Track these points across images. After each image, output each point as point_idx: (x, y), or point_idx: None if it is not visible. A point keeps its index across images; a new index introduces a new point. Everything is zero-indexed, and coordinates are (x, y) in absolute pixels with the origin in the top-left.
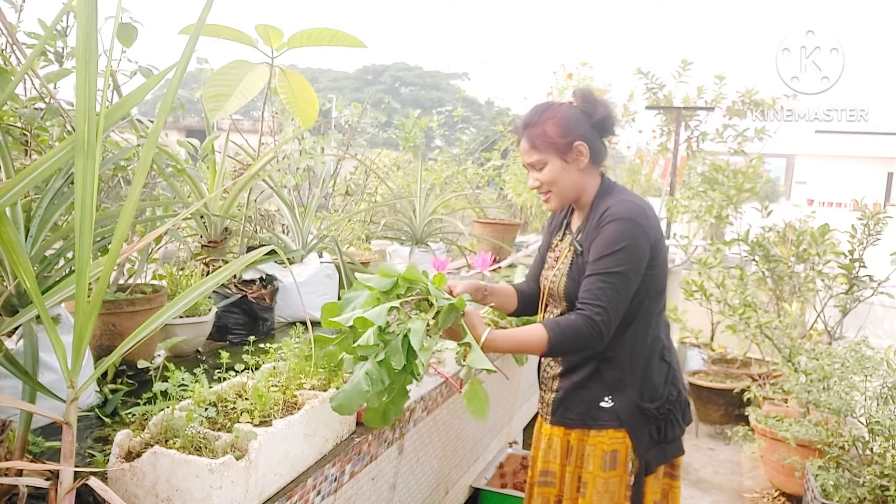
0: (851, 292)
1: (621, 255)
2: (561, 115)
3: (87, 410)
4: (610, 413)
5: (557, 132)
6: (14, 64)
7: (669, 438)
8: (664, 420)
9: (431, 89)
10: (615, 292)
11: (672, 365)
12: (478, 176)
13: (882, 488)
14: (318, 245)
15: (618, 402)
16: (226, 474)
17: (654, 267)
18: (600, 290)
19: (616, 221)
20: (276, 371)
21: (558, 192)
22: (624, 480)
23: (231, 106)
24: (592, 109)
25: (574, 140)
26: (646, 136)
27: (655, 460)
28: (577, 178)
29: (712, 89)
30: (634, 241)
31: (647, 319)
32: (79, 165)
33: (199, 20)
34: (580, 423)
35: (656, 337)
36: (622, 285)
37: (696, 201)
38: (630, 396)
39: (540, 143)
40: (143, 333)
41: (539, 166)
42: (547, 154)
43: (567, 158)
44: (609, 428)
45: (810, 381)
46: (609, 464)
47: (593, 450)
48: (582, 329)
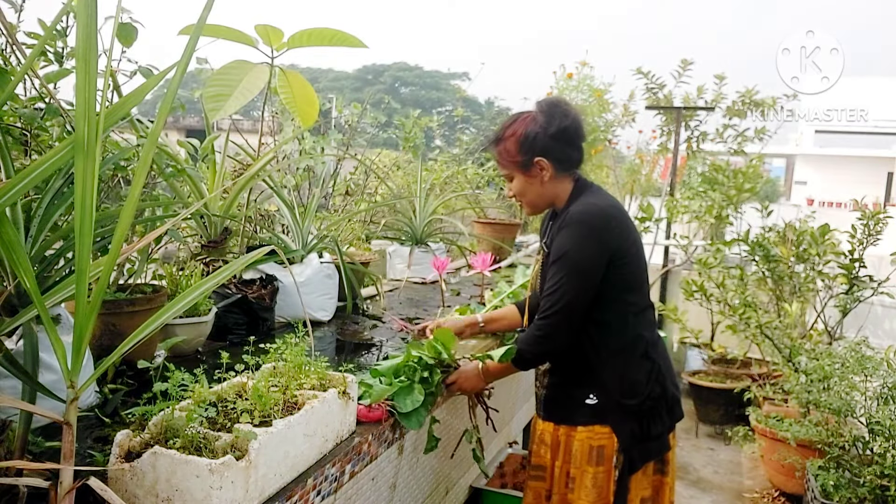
0: (851, 292)
1: (568, 260)
2: (521, 132)
3: (87, 410)
4: (594, 409)
5: (516, 150)
6: (14, 64)
7: (653, 435)
8: (646, 417)
9: (431, 89)
10: (562, 295)
11: (657, 362)
12: (478, 176)
13: (882, 488)
14: (318, 245)
15: (601, 400)
16: (226, 474)
17: (623, 266)
18: (549, 296)
19: (569, 226)
20: (276, 371)
21: (528, 202)
22: (611, 475)
23: (231, 106)
24: (549, 122)
25: (533, 157)
26: (646, 136)
27: (639, 457)
28: (544, 190)
29: (712, 89)
30: (584, 243)
31: (624, 318)
32: (79, 165)
33: (199, 20)
34: (568, 420)
35: (637, 335)
36: (570, 287)
37: (696, 201)
38: (611, 393)
39: (503, 161)
40: (143, 333)
41: (508, 179)
42: (511, 170)
43: (529, 174)
44: (595, 424)
45: (810, 381)
46: (596, 459)
47: (581, 445)
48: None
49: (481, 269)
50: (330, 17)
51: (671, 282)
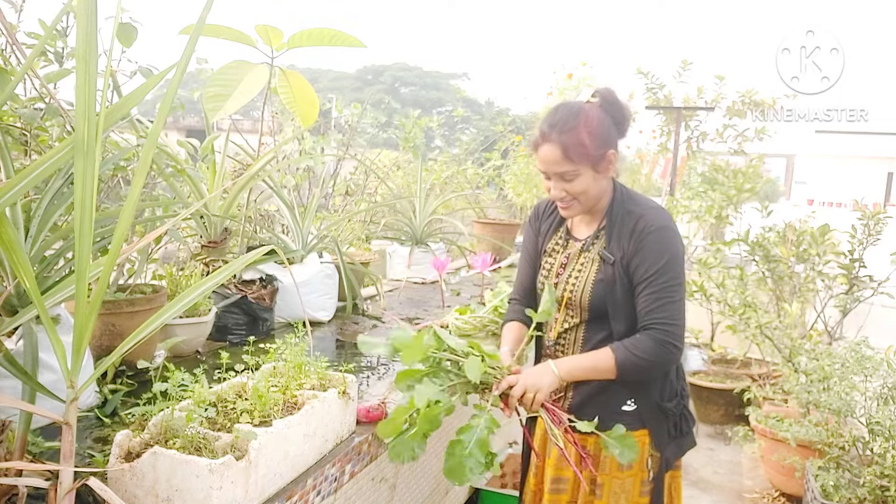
0: (851, 292)
1: (674, 266)
2: (597, 122)
3: (87, 411)
4: (633, 415)
5: (594, 143)
6: (14, 64)
7: (685, 432)
8: (680, 415)
9: (431, 89)
10: (678, 305)
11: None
12: (478, 176)
13: (882, 489)
14: (318, 245)
15: (640, 404)
16: (226, 474)
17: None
18: (665, 305)
19: (658, 231)
20: (276, 371)
21: (585, 201)
22: (639, 479)
23: (231, 106)
24: (619, 114)
25: (608, 150)
26: (646, 136)
27: (674, 455)
28: (603, 187)
29: (712, 89)
30: (677, 248)
31: None
32: (78, 165)
33: (199, 20)
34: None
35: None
36: (681, 296)
37: (696, 201)
38: (652, 397)
39: (575, 154)
40: (143, 333)
41: (570, 177)
42: (580, 165)
43: (599, 168)
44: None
45: (810, 381)
46: (626, 465)
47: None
48: (656, 350)
49: (481, 269)
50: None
51: None
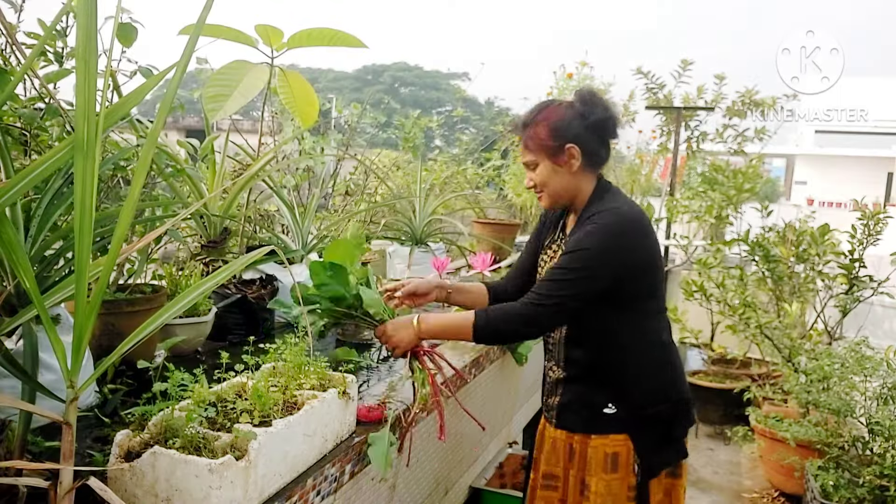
0: (851, 292)
1: (583, 256)
2: (556, 116)
3: (87, 410)
4: (613, 419)
5: (548, 134)
6: (14, 64)
7: (671, 441)
8: (666, 423)
9: (431, 89)
10: (560, 288)
11: (676, 366)
12: (477, 176)
13: (882, 488)
14: (317, 245)
15: (620, 409)
16: (225, 474)
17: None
18: (548, 282)
19: (593, 226)
20: (276, 371)
21: (550, 193)
22: (626, 482)
23: (231, 106)
24: (590, 111)
25: (565, 143)
26: (646, 136)
27: (658, 464)
28: (569, 181)
29: (712, 89)
30: (603, 245)
31: (645, 323)
32: (78, 165)
33: (199, 20)
34: (583, 429)
35: (658, 340)
36: (571, 285)
37: (695, 201)
38: (633, 402)
39: (531, 145)
40: (143, 333)
41: (532, 167)
42: (538, 156)
43: (558, 161)
44: (612, 433)
45: (810, 381)
46: (611, 466)
47: (595, 452)
48: (512, 313)
49: (481, 269)
50: (330, 17)
51: (671, 282)
